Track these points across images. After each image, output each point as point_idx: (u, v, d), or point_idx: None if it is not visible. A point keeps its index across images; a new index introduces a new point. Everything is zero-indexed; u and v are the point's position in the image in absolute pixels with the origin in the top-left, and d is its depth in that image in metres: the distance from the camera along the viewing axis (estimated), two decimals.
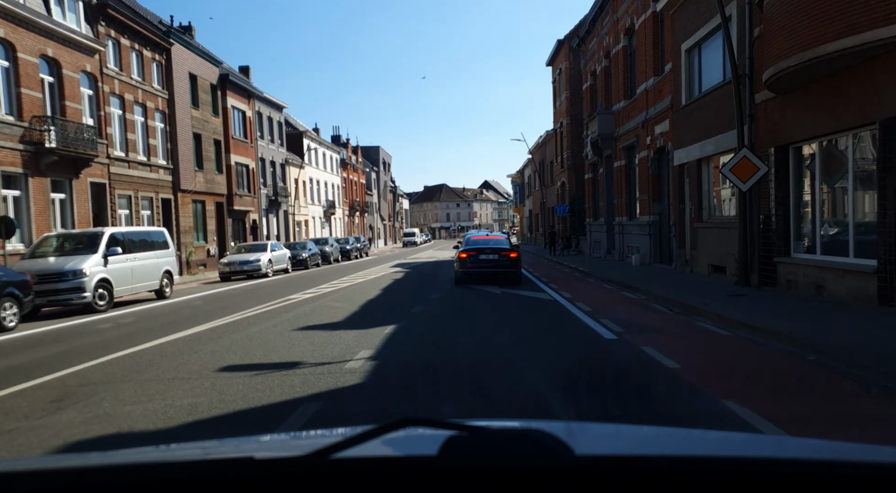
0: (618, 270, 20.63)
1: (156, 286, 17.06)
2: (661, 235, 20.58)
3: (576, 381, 6.41)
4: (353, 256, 43.65)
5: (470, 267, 17.93)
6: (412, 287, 18.14)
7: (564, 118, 37.76)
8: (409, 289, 17.59)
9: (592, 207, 30.81)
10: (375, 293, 16.22)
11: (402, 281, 20.46)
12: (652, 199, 20.74)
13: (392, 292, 16.94)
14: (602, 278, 18.76)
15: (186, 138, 30.67)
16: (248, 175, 38.45)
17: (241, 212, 37.57)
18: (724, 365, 7.08)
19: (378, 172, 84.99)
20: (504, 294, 14.94)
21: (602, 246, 28.64)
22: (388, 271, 26.49)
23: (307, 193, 52.32)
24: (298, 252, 31.64)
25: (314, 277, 24.52)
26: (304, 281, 22.14)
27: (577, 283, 18.08)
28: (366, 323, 10.60)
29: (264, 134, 43.03)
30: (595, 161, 29.11)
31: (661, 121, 19.37)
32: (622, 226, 24.55)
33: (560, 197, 40.73)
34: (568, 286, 16.87)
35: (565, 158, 37.91)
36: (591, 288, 16.42)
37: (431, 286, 17.86)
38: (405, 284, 19.38)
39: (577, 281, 18.77)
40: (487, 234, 21.93)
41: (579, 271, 22.29)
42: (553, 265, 27.13)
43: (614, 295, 14.49)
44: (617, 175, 25.07)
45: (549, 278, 19.72)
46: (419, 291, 16.67)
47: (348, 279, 21.84)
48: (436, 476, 1.05)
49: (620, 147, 24.27)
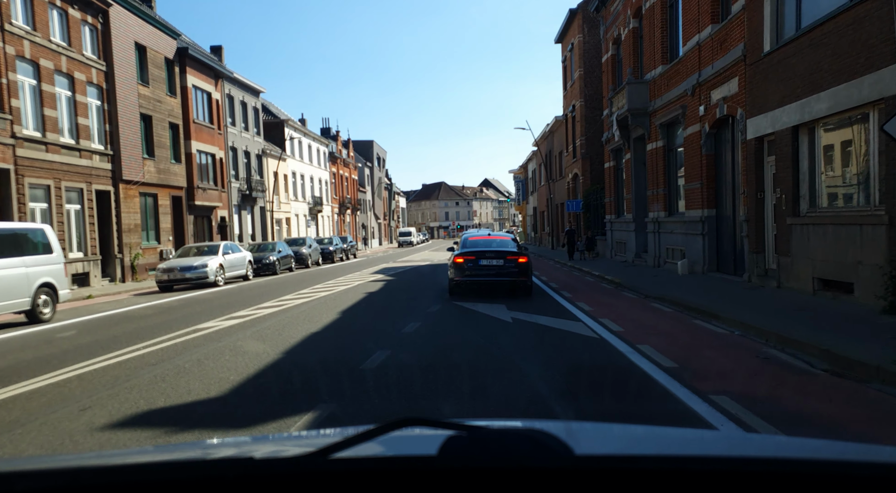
0: (662, 281, 15.71)
1: (24, 305, 12.13)
2: (721, 235, 15.66)
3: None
4: (337, 258, 38.75)
5: (468, 275, 13.83)
6: (386, 306, 13.24)
7: (577, 100, 32.84)
8: (380, 310, 12.69)
9: (614, 201, 25.88)
10: (328, 319, 11.32)
11: (378, 295, 15.54)
12: (706, 187, 15.82)
13: (354, 315, 12.06)
14: (645, 292, 13.85)
15: (131, 120, 25.74)
16: (214, 166, 33.54)
17: (206, 208, 32.64)
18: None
19: (372, 167, 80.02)
20: (518, 324, 10.01)
21: (628, 248, 23.70)
22: (367, 278, 21.56)
23: (289, 187, 47.38)
24: (265, 255, 26.71)
25: (272, 287, 19.60)
26: (252, 294, 17.22)
27: (614, 301, 13.17)
28: (263, 406, 5.69)
29: (237, 120, 38.11)
30: (619, 146, 24.18)
31: (722, 82, 14.44)
32: (658, 223, 19.63)
33: (571, 191, 35.80)
34: (605, 307, 11.97)
35: (578, 146, 32.98)
36: (639, 310, 11.51)
37: (413, 305, 12.98)
38: (379, 300, 14.48)
39: (613, 298, 13.85)
40: (489, 233, 17.09)
41: (608, 281, 17.37)
42: (571, 272, 22.18)
43: (684, 325, 9.58)
44: (651, 160, 20.14)
45: (572, 292, 14.80)
46: (394, 313, 11.77)
47: (310, 292, 16.92)
48: (435, 476, 1.04)
49: (656, 124, 19.34)
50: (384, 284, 18.81)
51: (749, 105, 12.90)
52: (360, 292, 16.24)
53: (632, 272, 18.84)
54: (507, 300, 13.22)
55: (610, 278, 17.66)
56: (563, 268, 24.32)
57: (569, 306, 12.35)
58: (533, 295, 14.44)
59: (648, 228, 20.57)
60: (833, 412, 5.08)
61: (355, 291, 16.67)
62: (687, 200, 17.12)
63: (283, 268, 28.45)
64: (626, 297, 13.92)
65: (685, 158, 17.14)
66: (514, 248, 14.59)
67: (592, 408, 5.30)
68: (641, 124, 20.27)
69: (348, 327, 10.35)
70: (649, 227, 20.48)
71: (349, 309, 12.75)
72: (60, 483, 1.10)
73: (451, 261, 14.54)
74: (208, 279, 20.35)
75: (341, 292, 16.28)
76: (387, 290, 16.85)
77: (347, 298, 14.78)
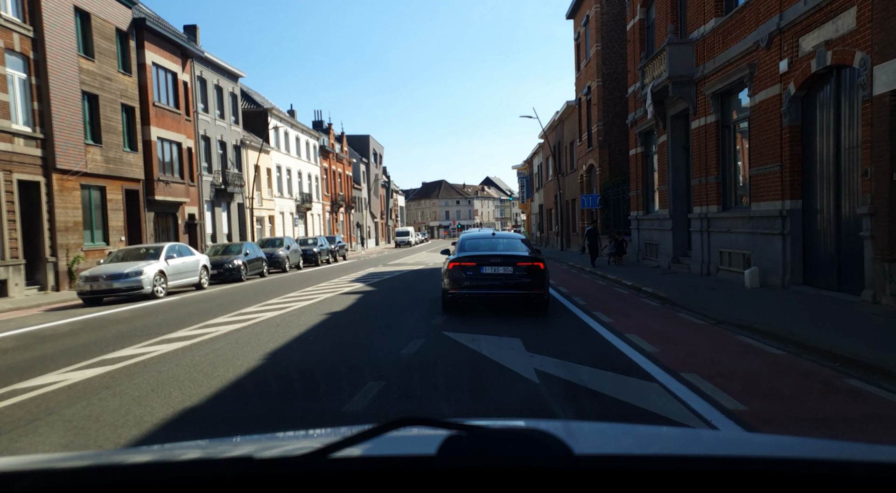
0: (727, 297, 11.64)
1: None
2: (811, 236, 11.54)
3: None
4: (322, 260, 34.69)
5: (467, 287, 10.64)
6: (341, 342, 9.11)
7: (594, 80, 28.73)
8: (330, 350, 8.56)
9: (641, 194, 21.76)
10: (253, 362, 7.22)
11: (340, 318, 11.43)
12: (789, 171, 11.70)
13: (308, 348, 8.00)
14: (713, 315, 9.78)
15: (69, 98, 21.66)
16: (181, 156, 29.46)
17: (170, 204, 28.58)
18: None
19: (368, 164, 75.91)
20: (548, 384, 5.88)
21: (661, 251, 19.60)
22: (343, 288, 17.47)
23: (273, 182, 43.29)
24: (227, 259, 22.60)
25: (218, 302, 15.51)
26: (181, 314, 13.13)
27: (678, 330, 9.07)
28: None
29: (210, 107, 34.04)
30: (650, 127, 20.07)
31: (825, 19, 10.31)
32: (708, 220, 15.53)
33: (585, 185, 31.68)
34: (671, 342, 7.92)
35: (595, 133, 28.86)
36: (731, 352, 7.38)
37: (384, 339, 8.90)
38: (336, 330, 10.35)
39: (672, 323, 9.74)
40: (493, 233, 13.34)
41: (649, 295, 13.27)
42: (594, 281, 18.07)
43: (843, 393, 5.48)
44: (698, 140, 16.01)
45: (610, 313, 10.69)
46: (349, 359, 7.57)
47: (257, 311, 12.84)
48: (435, 476, 1.04)
49: (706, 95, 15.23)
50: (358, 298, 14.69)
51: (880, 45, 8.77)
52: (321, 311, 12.10)
53: (676, 283, 14.74)
54: (519, 324, 9.27)
55: (651, 291, 13.55)
56: (585, 275, 20.19)
57: (614, 339, 8.27)
58: (555, 316, 10.40)
59: (693, 227, 16.45)
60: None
61: (316, 309, 12.53)
62: (755, 190, 12.99)
63: (253, 273, 24.38)
64: (689, 322, 9.81)
65: (753, 133, 13.00)
66: (525, 251, 11.27)
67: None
68: (685, 96, 16.13)
69: (296, 369, 6.35)
70: (694, 225, 16.36)
71: (307, 332, 8.59)
72: (59, 483, 1.09)
73: (445, 267, 11.14)
74: (143, 290, 16.26)
75: (295, 312, 12.15)
76: (357, 308, 12.72)
77: (296, 324, 10.63)
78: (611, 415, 4.92)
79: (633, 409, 5.05)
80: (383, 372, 6.47)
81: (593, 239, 22.79)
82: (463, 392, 5.87)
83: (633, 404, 5.21)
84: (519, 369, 6.49)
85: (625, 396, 5.49)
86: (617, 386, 5.80)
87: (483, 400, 5.54)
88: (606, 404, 5.23)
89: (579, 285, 16.72)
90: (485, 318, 10.40)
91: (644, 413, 4.93)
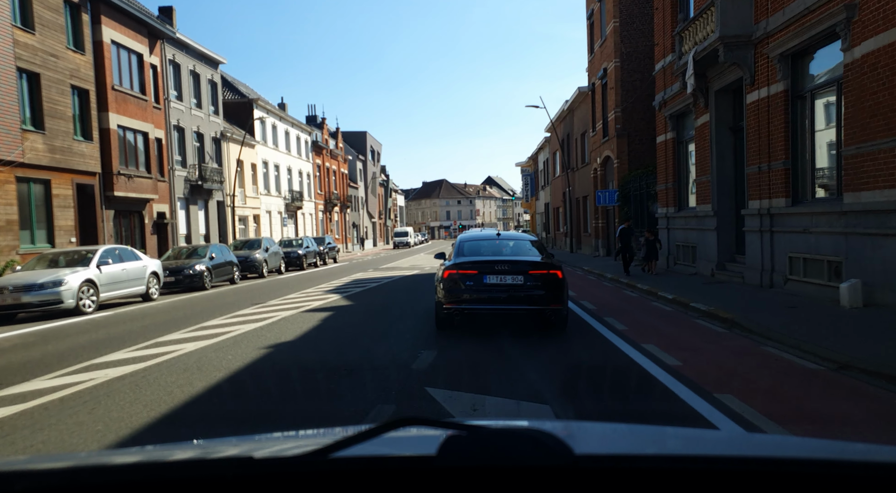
0: (830, 322, 8.43)
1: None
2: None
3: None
4: (308, 264, 31.50)
5: (467, 301, 8.64)
6: (286, 394, 5.89)
7: (610, 62, 25.47)
8: (265, 408, 5.35)
9: (672, 188, 18.50)
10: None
11: (297, 349, 8.21)
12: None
13: (189, 431, 4.75)
14: (831, 356, 6.55)
15: (2, 75, 18.45)
16: (147, 148, 26.22)
17: (134, 201, 25.37)
18: None
19: (365, 161, 72.70)
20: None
21: (700, 255, 16.35)
22: (313, 302, 14.23)
23: (258, 179, 40.06)
24: (188, 264, 19.37)
25: (160, 318, 12.30)
26: (101, 337, 9.91)
27: (795, 384, 5.82)
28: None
29: (185, 94, 30.84)
30: (685, 107, 16.82)
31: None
32: (772, 217, 12.27)
33: (599, 180, 28.40)
34: (810, 417, 4.67)
35: (612, 120, 25.59)
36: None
37: (350, 387, 5.68)
38: (290, 365, 7.13)
39: (774, 369, 6.47)
40: (498, 233, 10.71)
41: (706, 316, 10.00)
42: (626, 293, 14.82)
43: None
44: (757, 117, 12.74)
45: (671, 348, 7.40)
46: (286, 420, 4.34)
47: (200, 332, 9.62)
48: (435, 475, 1.03)
49: (771, 57, 11.95)
50: (325, 318, 11.41)
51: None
52: (261, 344, 8.77)
53: (733, 297, 11.48)
54: (541, 365, 6.24)
55: (704, 309, 10.32)
56: (607, 284, 16.93)
57: (703, 406, 5.05)
58: (590, 349, 7.27)
59: (749, 225, 13.19)
60: None
61: (258, 338, 9.22)
62: (853, 176, 9.69)
63: (222, 279, 21.18)
64: (792, 366, 6.54)
65: (852, 99, 9.68)
66: (536, 255, 9.32)
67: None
68: (740, 62, 12.85)
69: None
70: (751, 223, 13.10)
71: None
72: (59, 483, 1.09)
73: (439, 275, 9.16)
74: (63, 304, 13.03)
75: (227, 343, 8.85)
76: (315, 337, 9.41)
77: (212, 368, 7.28)
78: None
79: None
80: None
81: (627, 240, 18.27)
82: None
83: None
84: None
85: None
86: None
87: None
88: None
89: (606, 297, 13.49)
90: (488, 345, 7.23)
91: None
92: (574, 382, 6.19)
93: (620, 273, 17.93)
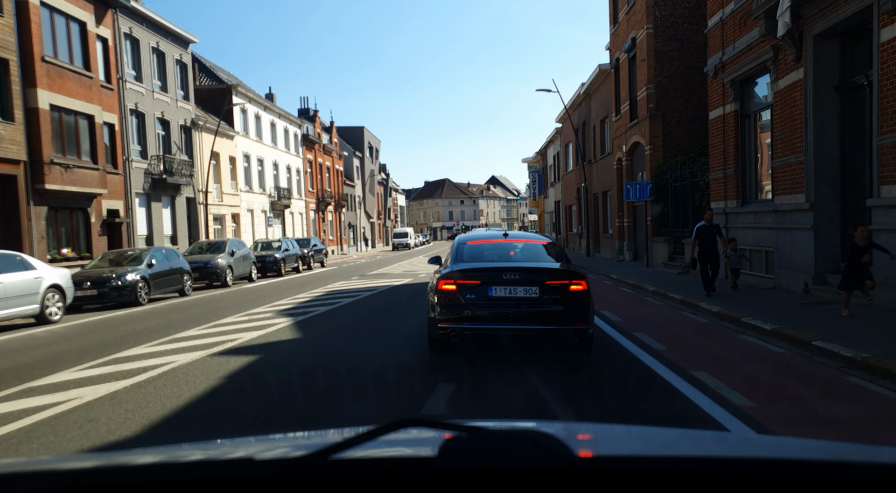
0: None
1: None
2: None
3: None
4: (289, 269, 27.46)
5: (468, 318, 6.72)
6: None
7: (640, 30, 21.32)
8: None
9: (735, 176, 14.36)
10: None
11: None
12: None
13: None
14: None
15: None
16: (93, 134, 22.15)
17: (75, 196, 21.31)
18: None
19: (362, 158, 68.64)
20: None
21: (785, 263, 12.19)
22: (254, 331, 10.11)
23: (238, 174, 35.98)
24: (117, 274, 15.27)
25: (30, 357, 8.19)
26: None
27: None
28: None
29: (145, 75, 26.77)
30: (757, 67, 12.70)
31: None
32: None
33: (626, 171, 24.22)
34: None
35: (643, 99, 21.43)
36: None
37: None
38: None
39: None
40: (505, 234, 8.46)
41: (876, 373, 5.88)
42: (696, 319, 10.71)
43: None
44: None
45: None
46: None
47: (39, 395, 5.59)
48: (435, 477, 1.03)
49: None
50: (248, 364, 7.26)
51: None
52: (95, 440, 4.74)
53: (881, 333, 7.37)
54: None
55: (858, 359, 6.21)
56: (654, 300, 12.75)
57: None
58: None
59: (880, 221, 9.03)
60: None
61: (81, 419, 5.18)
62: None
63: (166, 291, 17.15)
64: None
65: None
66: (553, 262, 7.38)
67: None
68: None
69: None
70: (884, 218, 8.94)
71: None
72: (60, 484, 1.09)
73: (433, 284, 7.22)
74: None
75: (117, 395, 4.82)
76: (199, 418, 5.34)
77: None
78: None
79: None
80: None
81: (712, 242, 11.89)
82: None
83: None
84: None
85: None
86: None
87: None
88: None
89: (661, 323, 9.38)
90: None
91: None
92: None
93: (669, 285, 13.73)
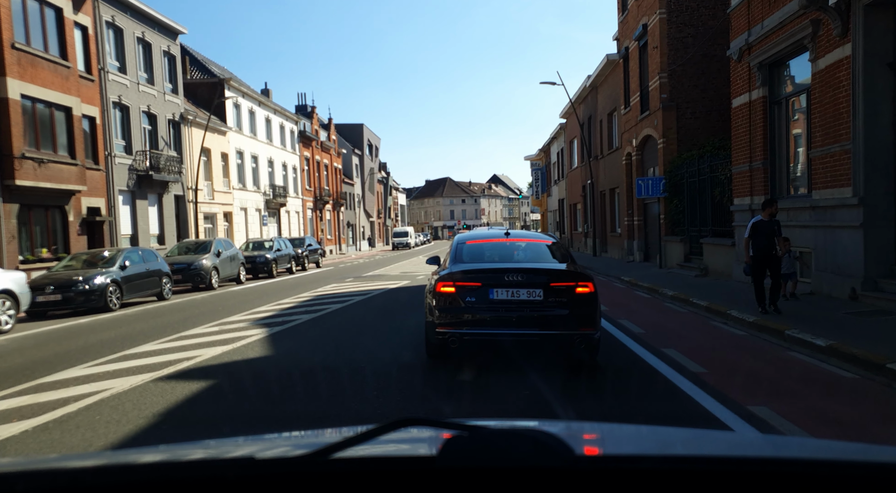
0: None
1: None
2: None
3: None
4: (281, 270, 26.16)
5: (468, 322, 6.43)
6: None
7: (652, 15, 19.95)
8: None
9: (761, 169, 13.02)
10: None
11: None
12: None
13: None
14: None
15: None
16: (71, 127, 20.84)
17: (51, 193, 19.99)
18: None
19: (361, 156, 67.31)
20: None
21: (826, 266, 10.84)
22: (220, 345, 8.77)
23: (231, 171, 34.65)
24: (84, 277, 13.96)
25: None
26: None
27: None
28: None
29: (129, 66, 25.44)
30: (788, 49, 11.36)
31: None
32: None
33: (636, 166, 22.86)
34: None
35: (655, 89, 20.07)
36: None
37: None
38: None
39: None
40: (507, 233, 7.91)
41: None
42: (753, 342, 9.35)
43: None
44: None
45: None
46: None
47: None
48: (436, 476, 1.03)
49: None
50: (201, 392, 5.93)
51: None
52: None
53: None
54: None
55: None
56: (681, 309, 11.39)
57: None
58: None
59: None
60: None
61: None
62: None
63: (142, 294, 15.84)
64: None
65: None
66: (558, 262, 7.09)
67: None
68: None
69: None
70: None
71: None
72: (61, 484, 1.09)
73: (430, 286, 6.88)
74: None
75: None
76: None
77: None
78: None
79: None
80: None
81: (771, 243, 9.33)
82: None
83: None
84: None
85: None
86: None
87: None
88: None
89: (695, 335, 8.05)
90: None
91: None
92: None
93: (689, 288, 12.35)
